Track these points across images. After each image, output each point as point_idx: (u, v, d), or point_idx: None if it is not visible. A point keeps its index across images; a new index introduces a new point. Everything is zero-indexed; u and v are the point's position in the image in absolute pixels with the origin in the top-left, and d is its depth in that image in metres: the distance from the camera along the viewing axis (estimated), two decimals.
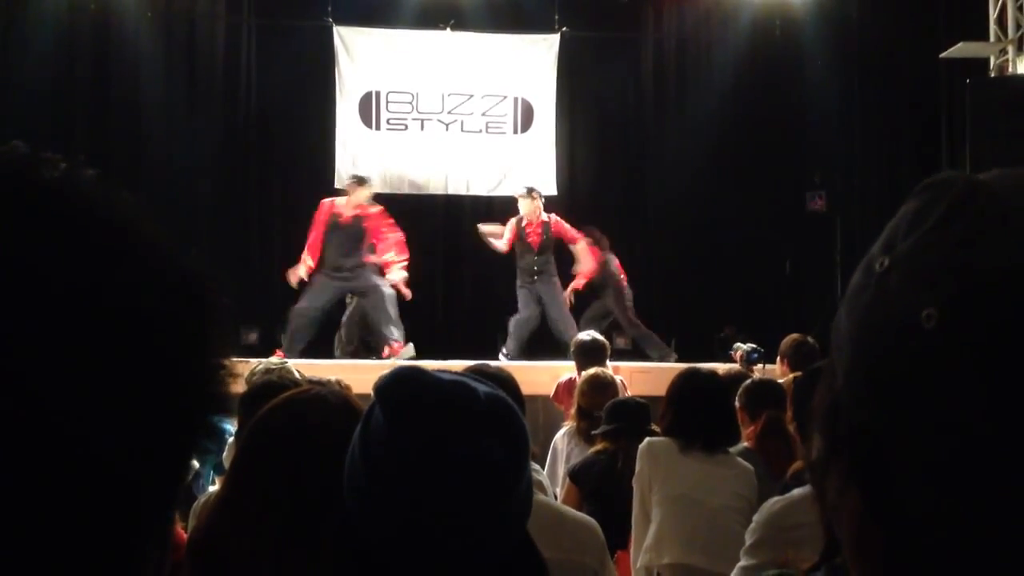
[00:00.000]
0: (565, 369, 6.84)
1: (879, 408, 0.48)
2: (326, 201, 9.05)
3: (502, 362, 8.15)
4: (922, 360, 0.46)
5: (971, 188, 0.50)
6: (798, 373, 4.46)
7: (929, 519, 0.46)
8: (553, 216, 9.36)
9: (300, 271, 8.82)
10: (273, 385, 2.40)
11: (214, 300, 0.49)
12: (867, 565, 0.49)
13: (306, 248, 8.86)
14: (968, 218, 0.49)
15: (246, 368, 4.20)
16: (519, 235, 9.25)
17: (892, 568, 0.48)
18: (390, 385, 1.04)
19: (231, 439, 3.96)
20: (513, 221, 9.36)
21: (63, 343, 0.42)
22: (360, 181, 9.06)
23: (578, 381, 5.40)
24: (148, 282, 0.46)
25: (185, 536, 1.91)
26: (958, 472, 0.45)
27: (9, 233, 0.43)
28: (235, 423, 3.46)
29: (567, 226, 9.32)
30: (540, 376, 7.30)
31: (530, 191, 9.34)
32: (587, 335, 6.57)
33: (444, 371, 1.08)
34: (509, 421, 1.04)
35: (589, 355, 6.11)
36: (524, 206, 9.25)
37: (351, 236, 8.84)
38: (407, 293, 8.87)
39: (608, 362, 6.31)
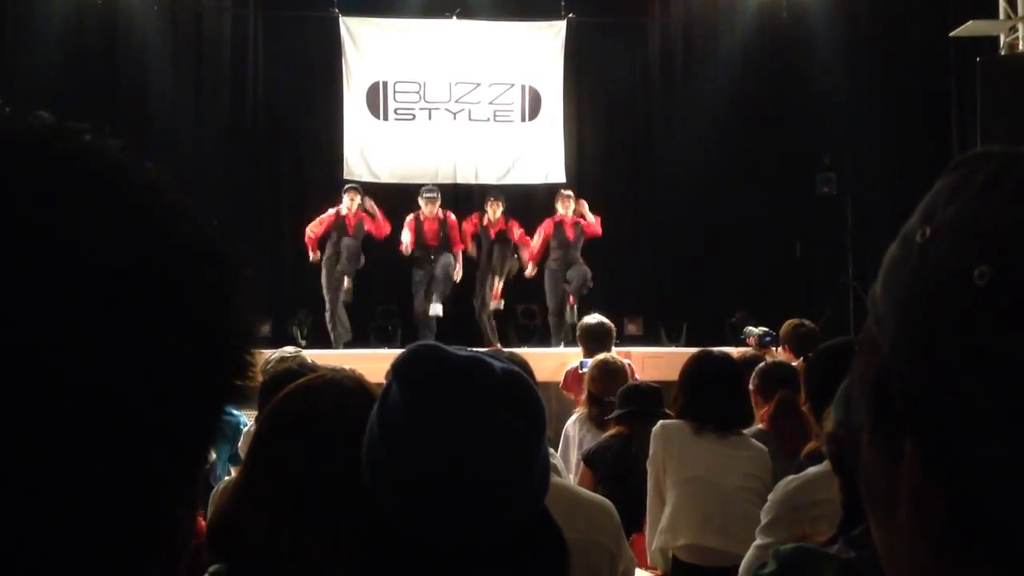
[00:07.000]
0: (572, 356, 6.80)
1: (935, 368, 0.49)
2: None
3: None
4: (976, 316, 0.48)
5: (1012, 155, 0.52)
6: (804, 357, 4.46)
7: (991, 467, 0.48)
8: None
9: None
10: (291, 372, 2.41)
11: (237, 266, 0.50)
12: (927, 520, 0.51)
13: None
14: (1014, 180, 0.50)
15: (260, 359, 4.21)
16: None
17: (954, 517, 0.49)
18: (407, 361, 1.06)
19: (246, 428, 3.99)
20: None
21: (92, 310, 0.43)
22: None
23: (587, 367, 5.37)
24: (174, 248, 0.47)
25: (204, 523, 1.93)
26: (1015, 419, 0.47)
27: (35, 202, 0.44)
28: (250, 415, 3.49)
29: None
30: (548, 363, 7.30)
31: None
32: (593, 319, 6.42)
33: (460, 348, 1.09)
34: (525, 393, 1.05)
35: (595, 339, 6.04)
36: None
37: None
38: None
39: (614, 347, 6.25)
